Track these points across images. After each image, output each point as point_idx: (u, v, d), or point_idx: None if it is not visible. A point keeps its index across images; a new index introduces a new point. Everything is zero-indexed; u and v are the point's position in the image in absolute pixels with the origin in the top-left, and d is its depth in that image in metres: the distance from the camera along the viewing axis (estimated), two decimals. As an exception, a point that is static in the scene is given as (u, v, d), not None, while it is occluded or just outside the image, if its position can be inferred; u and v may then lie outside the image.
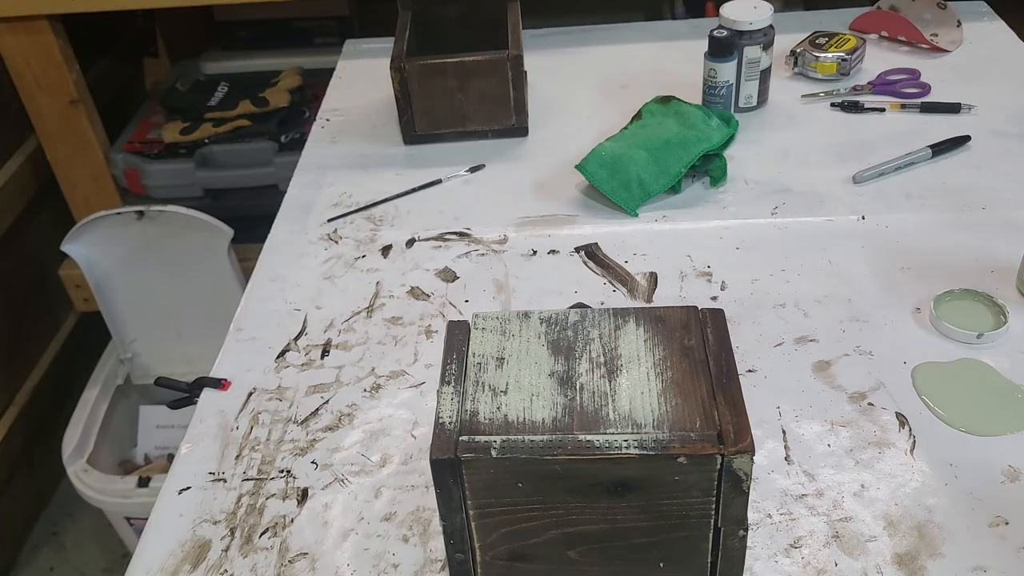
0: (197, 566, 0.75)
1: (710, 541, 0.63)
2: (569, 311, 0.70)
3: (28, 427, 1.88)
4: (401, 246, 1.09)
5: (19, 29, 1.63)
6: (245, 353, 0.96)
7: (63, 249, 1.67)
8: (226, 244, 1.65)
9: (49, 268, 1.92)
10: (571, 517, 0.62)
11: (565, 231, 1.09)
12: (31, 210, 1.88)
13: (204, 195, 1.82)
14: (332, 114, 1.37)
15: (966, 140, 1.16)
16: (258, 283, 1.05)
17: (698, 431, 0.59)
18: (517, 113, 1.24)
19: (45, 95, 1.71)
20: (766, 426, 0.82)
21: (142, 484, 1.59)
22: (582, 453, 0.58)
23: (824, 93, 1.29)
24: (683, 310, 0.69)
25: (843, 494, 0.76)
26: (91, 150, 1.79)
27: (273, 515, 0.79)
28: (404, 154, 1.26)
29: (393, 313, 0.99)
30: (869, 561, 0.71)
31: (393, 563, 0.74)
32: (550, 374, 0.64)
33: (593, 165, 1.12)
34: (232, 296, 1.56)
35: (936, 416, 0.82)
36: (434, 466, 0.60)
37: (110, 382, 1.79)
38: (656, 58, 1.42)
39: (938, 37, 1.37)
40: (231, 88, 1.90)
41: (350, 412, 0.88)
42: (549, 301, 0.98)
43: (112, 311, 1.76)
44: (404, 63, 1.20)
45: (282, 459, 0.84)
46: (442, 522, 0.63)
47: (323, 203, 1.17)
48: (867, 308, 0.94)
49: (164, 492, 0.82)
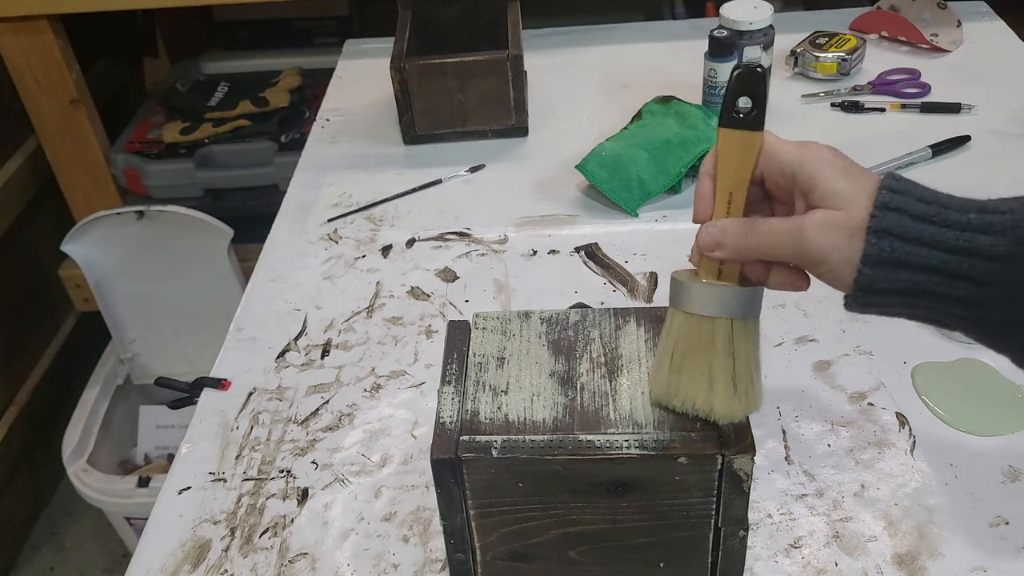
0: (197, 566, 0.75)
1: (710, 541, 0.63)
2: (569, 311, 0.70)
3: (28, 427, 1.87)
4: (401, 246, 1.09)
5: (19, 29, 1.63)
6: (245, 353, 0.96)
7: (63, 249, 1.67)
8: (226, 244, 1.65)
9: (49, 268, 1.92)
10: (571, 517, 0.62)
11: (565, 231, 1.09)
12: (31, 210, 1.88)
13: (204, 195, 1.82)
14: (332, 114, 1.37)
15: (966, 140, 1.16)
16: (258, 283, 1.06)
17: (698, 431, 0.59)
18: (517, 113, 1.24)
19: (45, 95, 1.71)
20: (766, 426, 0.82)
21: (142, 484, 1.59)
22: (583, 453, 0.58)
23: (824, 93, 1.29)
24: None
25: (843, 494, 0.76)
26: (91, 150, 1.79)
27: (273, 515, 0.79)
28: (404, 154, 1.26)
29: (393, 313, 0.99)
30: (869, 561, 0.71)
31: (393, 563, 0.74)
32: (551, 374, 0.64)
33: (593, 165, 1.12)
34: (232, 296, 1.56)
35: (936, 416, 0.82)
36: (435, 466, 0.60)
37: (110, 382, 1.78)
38: (656, 58, 1.42)
39: (938, 37, 1.37)
40: (231, 88, 1.90)
41: (350, 412, 0.88)
42: (549, 301, 0.98)
43: (112, 311, 1.76)
44: (404, 63, 1.20)
45: (282, 459, 0.84)
46: (442, 522, 0.63)
47: (323, 203, 1.17)
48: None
49: (164, 492, 0.82)
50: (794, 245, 0.58)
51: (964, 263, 0.56)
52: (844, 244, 0.57)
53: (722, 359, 0.61)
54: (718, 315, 0.61)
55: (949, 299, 0.57)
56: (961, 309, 0.57)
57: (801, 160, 0.59)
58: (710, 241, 0.61)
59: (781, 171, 0.60)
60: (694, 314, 0.61)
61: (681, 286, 0.62)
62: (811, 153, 0.59)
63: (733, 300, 0.61)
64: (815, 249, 0.57)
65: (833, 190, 0.58)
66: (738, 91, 0.61)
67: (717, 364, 0.61)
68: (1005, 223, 0.55)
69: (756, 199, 0.62)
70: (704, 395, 0.61)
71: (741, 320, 0.61)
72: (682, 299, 0.62)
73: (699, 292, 0.61)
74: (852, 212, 0.57)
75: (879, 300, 0.58)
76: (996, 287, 0.55)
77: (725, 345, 0.61)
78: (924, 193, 0.58)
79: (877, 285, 0.57)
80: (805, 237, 0.57)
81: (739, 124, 0.61)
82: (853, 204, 0.57)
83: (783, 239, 0.59)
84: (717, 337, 0.61)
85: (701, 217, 0.62)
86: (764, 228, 0.59)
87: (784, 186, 0.61)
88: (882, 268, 0.56)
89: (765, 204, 0.63)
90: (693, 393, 0.61)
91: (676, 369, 0.61)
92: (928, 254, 0.56)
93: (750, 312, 0.62)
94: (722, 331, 0.61)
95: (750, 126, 0.61)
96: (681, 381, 0.61)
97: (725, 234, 0.60)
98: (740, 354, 0.61)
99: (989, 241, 0.55)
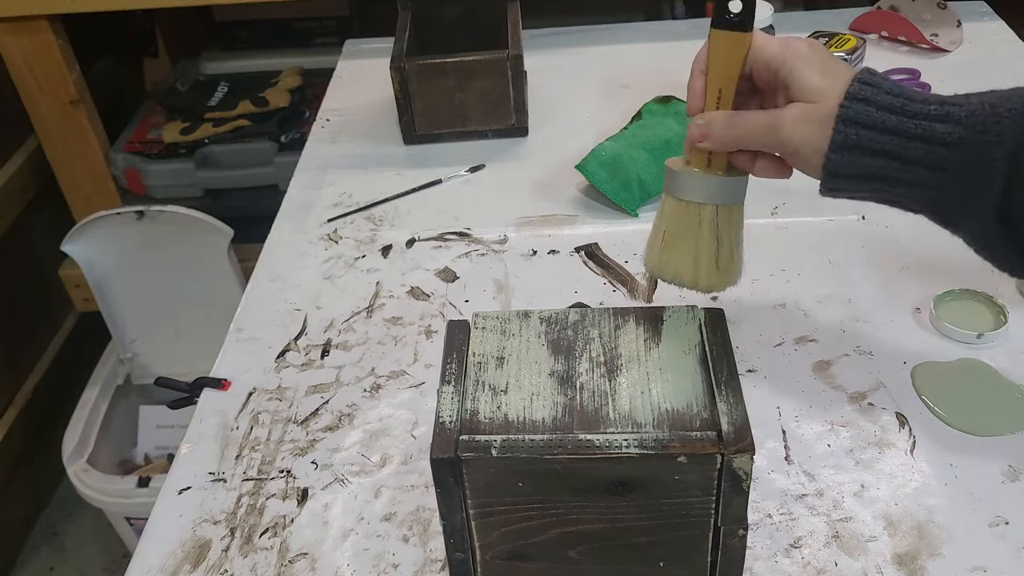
0: (197, 566, 0.75)
1: (710, 540, 0.63)
2: (569, 311, 0.70)
3: (28, 427, 1.88)
4: (401, 246, 1.09)
5: (19, 29, 1.63)
6: (245, 353, 0.96)
7: (63, 249, 1.67)
8: (226, 244, 1.65)
9: (49, 268, 1.92)
10: (571, 516, 0.62)
11: (565, 231, 1.09)
12: (31, 210, 1.88)
13: (204, 195, 1.82)
14: (332, 114, 1.37)
15: (966, 140, 1.16)
16: (258, 283, 1.06)
17: (698, 430, 0.59)
18: (517, 113, 1.24)
19: (45, 95, 1.71)
20: (766, 426, 0.82)
21: (142, 484, 1.59)
22: (582, 452, 0.59)
23: (824, 93, 1.29)
24: (683, 310, 0.69)
25: (843, 494, 0.76)
26: (91, 150, 1.79)
27: (273, 515, 0.79)
28: (404, 154, 1.26)
29: (393, 313, 0.99)
30: (869, 561, 0.71)
31: (393, 563, 0.74)
32: (550, 373, 0.64)
33: (593, 165, 1.12)
34: (232, 296, 1.56)
35: (936, 416, 0.82)
36: (434, 465, 0.60)
37: (110, 382, 1.79)
38: (656, 58, 1.42)
39: (938, 37, 1.37)
40: (231, 88, 1.90)
41: (350, 412, 0.88)
42: (549, 301, 0.98)
43: (112, 311, 1.77)
44: (404, 63, 1.20)
45: (282, 459, 0.84)
46: (442, 521, 0.63)
47: (323, 203, 1.17)
48: (867, 308, 0.94)
49: (164, 492, 0.82)
50: (771, 135, 0.64)
51: (920, 149, 0.61)
52: (815, 134, 0.62)
53: (707, 240, 0.68)
54: (704, 201, 0.68)
55: (909, 184, 0.62)
56: (920, 191, 0.63)
57: (783, 57, 0.64)
58: (698, 132, 0.67)
59: (766, 67, 0.65)
60: (683, 200, 0.68)
61: (673, 174, 0.69)
62: (792, 51, 0.65)
63: (718, 188, 0.68)
64: (789, 139, 0.63)
65: (809, 85, 0.63)
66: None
67: (703, 245, 0.68)
68: (960, 114, 0.60)
69: (745, 93, 0.68)
70: (691, 272, 0.70)
71: (725, 205, 0.68)
72: (673, 186, 0.69)
73: (688, 180, 0.68)
74: (824, 104, 0.62)
75: (846, 184, 0.64)
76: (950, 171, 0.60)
77: (710, 228, 0.68)
78: (892, 87, 0.62)
79: (843, 170, 0.63)
80: (780, 128, 0.63)
81: (729, 25, 0.65)
82: (826, 97, 0.63)
83: (761, 130, 0.65)
84: (703, 221, 0.68)
85: (692, 110, 0.68)
86: (744, 120, 0.65)
87: (769, 81, 0.66)
88: (847, 153, 0.62)
89: (753, 99, 0.69)
90: (681, 269, 0.70)
91: (667, 248, 0.70)
92: (889, 140, 0.61)
93: (734, 198, 0.69)
94: (707, 215, 0.68)
95: (739, 27, 0.65)
96: (671, 258, 0.70)
97: (712, 126, 0.66)
98: (723, 236, 0.68)
99: (944, 129, 0.60)
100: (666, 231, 0.70)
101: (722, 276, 0.70)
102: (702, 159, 0.68)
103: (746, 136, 0.65)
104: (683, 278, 0.70)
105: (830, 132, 0.62)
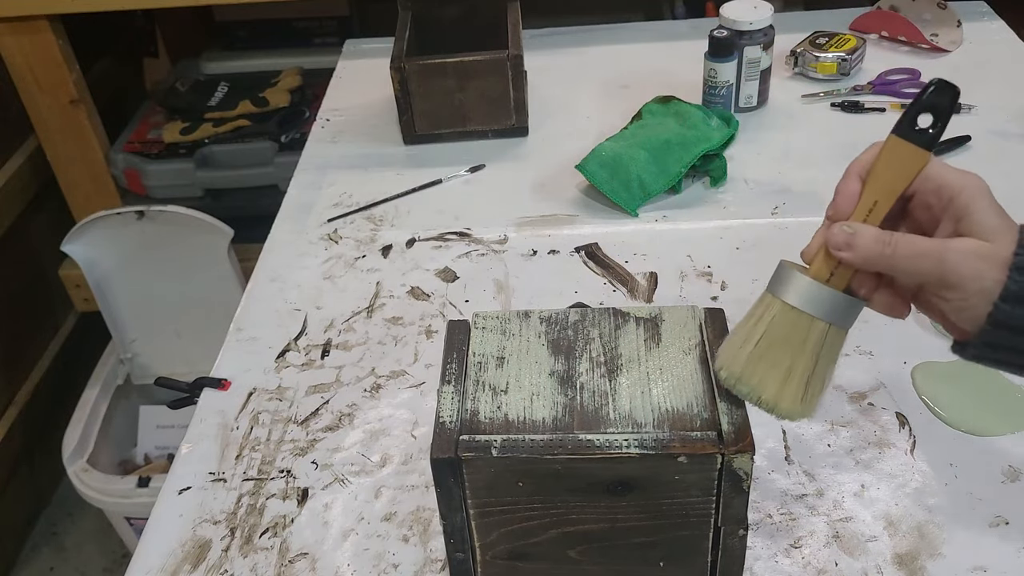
0: (197, 566, 0.75)
1: (710, 540, 0.63)
2: (569, 310, 0.70)
3: (28, 427, 1.87)
4: (401, 246, 1.09)
5: (19, 29, 1.63)
6: (245, 353, 0.96)
7: (63, 249, 1.67)
8: (226, 244, 1.65)
9: (49, 268, 1.92)
10: (571, 516, 0.62)
11: (565, 231, 1.09)
12: (31, 210, 1.88)
13: (204, 195, 1.82)
14: (332, 114, 1.37)
15: (966, 140, 1.16)
16: (258, 283, 1.06)
17: (698, 430, 0.59)
18: (517, 113, 1.24)
19: (45, 95, 1.71)
20: (766, 426, 0.82)
21: (142, 484, 1.59)
22: (582, 452, 0.58)
23: (824, 93, 1.29)
24: (683, 310, 0.69)
25: (843, 494, 0.76)
26: (91, 150, 1.79)
27: (273, 515, 0.79)
28: (404, 154, 1.26)
29: (393, 313, 0.99)
30: (869, 561, 0.71)
31: (393, 563, 0.74)
32: (550, 373, 0.64)
33: (593, 165, 1.12)
34: (232, 296, 1.56)
35: (936, 416, 0.82)
36: (434, 465, 0.60)
37: (110, 382, 1.79)
38: (656, 58, 1.42)
39: (938, 37, 1.37)
40: (231, 88, 1.90)
41: (350, 412, 0.88)
42: (549, 301, 0.98)
43: (112, 311, 1.77)
44: (404, 63, 1.20)
45: (282, 459, 0.84)
46: (442, 521, 0.63)
47: (323, 203, 1.17)
48: (867, 308, 0.93)
49: (164, 492, 0.82)
50: (934, 265, 0.57)
51: None
52: (987, 273, 0.56)
53: (807, 359, 0.60)
54: (821, 317, 0.60)
55: None
56: None
57: (962, 186, 0.59)
58: (842, 240, 0.59)
59: (938, 193, 0.59)
60: (795, 308, 0.60)
61: (792, 275, 0.61)
62: (972, 182, 0.59)
63: (840, 306, 0.60)
64: (954, 273, 0.57)
65: (988, 222, 0.58)
66: (927, 105, 0.60)
67: (800, 363, 0.60)
68: None
69: (890, 215, 0.61)
70: (775, 388, 0.60)
71: (836, 328, 0.61)
72: (789, 289, 0.60)
73: (810, 288, 0.60)
74: (1000, 246, 0.57)
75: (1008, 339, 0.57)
76: None
77: (815, 347, 0.60)
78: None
79: (1012, 322, 0.56)
80: (948, 259, 0.57)
81: (915, 138, 0.60)
82: (1002, 239, 0.57)
83: (922, 256, 0.58)
84: (811, 337, 0.60)
85: (839, 215, 0.61)
86: (906, 241, 0.58)
87: (933, 208, 0.60)
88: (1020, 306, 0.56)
89: (898, 222, 0.62)
90: (767, 383, 0.60)
91: (759, 354, 0.60)
92: None
93: (846, 323, 0.61)
94: (817, 332, 0.60)
95: (925, 144, 0.60)
96: (759, 367, 0.60)
97: (860, 237, 0.59)
98: (823, 360, 0.61)
99: None
100: (764, 335, 0.60)
101: (804, 405, 0.61)
102: (825, 271, 0.60)
103: (900, 258, 0.58)
104: (764, 393, 0.60)
105: (1004, 278, 0.56)
